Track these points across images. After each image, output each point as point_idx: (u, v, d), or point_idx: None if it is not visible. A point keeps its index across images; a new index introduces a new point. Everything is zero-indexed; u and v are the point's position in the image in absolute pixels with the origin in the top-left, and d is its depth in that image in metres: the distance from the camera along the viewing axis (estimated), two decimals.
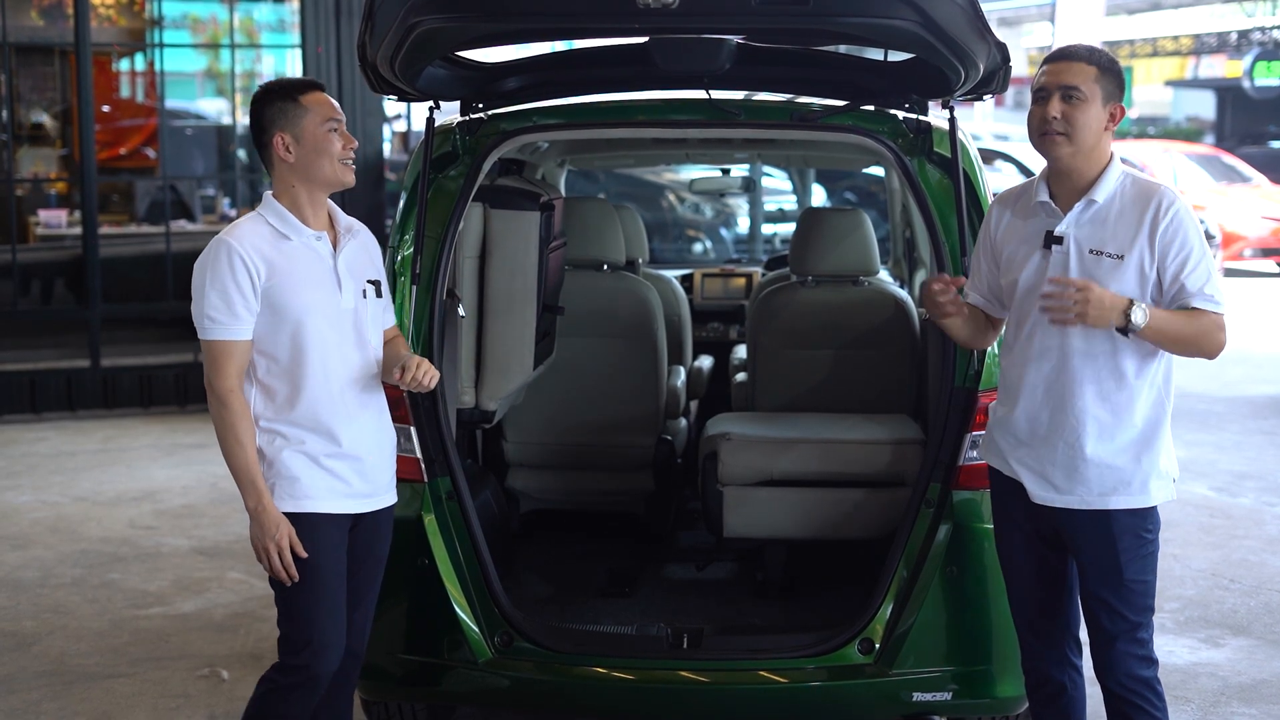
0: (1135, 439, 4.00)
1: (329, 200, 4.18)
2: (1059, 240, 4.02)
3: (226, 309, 3.93)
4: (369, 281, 4.19)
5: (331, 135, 4.05)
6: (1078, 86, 3.96)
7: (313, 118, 4.04)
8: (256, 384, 4.03)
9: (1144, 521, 4.03)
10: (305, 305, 4.00)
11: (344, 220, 4.21)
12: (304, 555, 3.99)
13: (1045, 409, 4.06)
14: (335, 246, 4.13)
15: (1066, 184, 4.05)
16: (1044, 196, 4.09)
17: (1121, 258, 3.93)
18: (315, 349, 4.02)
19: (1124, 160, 4.14)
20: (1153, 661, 4.10)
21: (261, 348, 4.00)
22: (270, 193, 4.11)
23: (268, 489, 3.97)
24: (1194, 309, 3.91)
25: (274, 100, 4.06)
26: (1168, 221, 3.91)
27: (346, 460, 4.10)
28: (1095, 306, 3.83)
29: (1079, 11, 26.36)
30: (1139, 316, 3.84)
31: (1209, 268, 3.93)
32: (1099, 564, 4.05)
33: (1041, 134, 4.00)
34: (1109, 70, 4.00)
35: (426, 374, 4.10)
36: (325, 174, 4.07)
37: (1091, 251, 3.97)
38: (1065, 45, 4.14)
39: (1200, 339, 3.92)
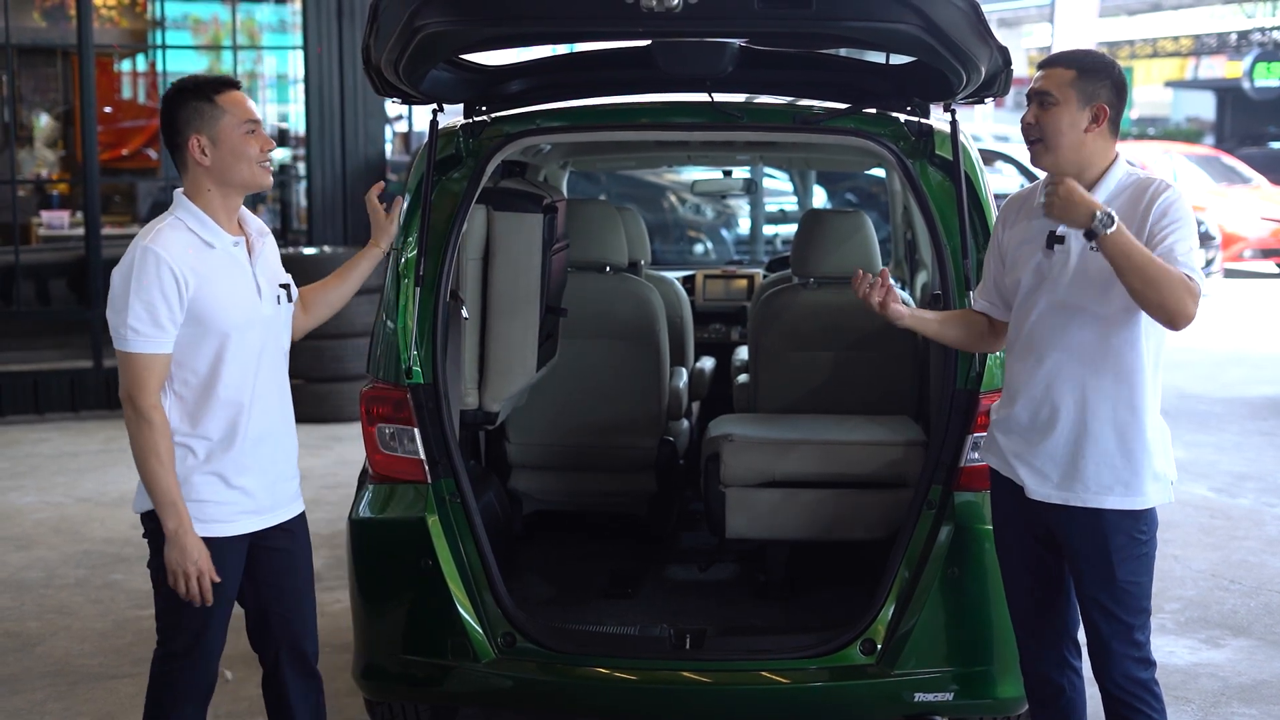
0: (1133, 438, 4.01)
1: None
2: (1061, 240, 4.05)
3: (151, 320, 3.81)
4: (280, 286, 4.12)
5: (249, 138, 3.94)
6: (1049, 91, 3.99)
7: (230, 119, 3.92)
8: (171, 395, 3.92)
9: (1138, 523, 4.05)
10: (230, 318, 3.91)
11: (254, 223, 4.12)
12: (219, 580, 3.93)
13: (1045, 406, 4.08)
14: (250, 251, 4.04)
15: None
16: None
17: None
18: (236, 361, 3.95)
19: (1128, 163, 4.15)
20: (1150, 663, 4.11)
21: (181, 359, 3.89)
22: (182, 192, 3.99)
23: (187, 512, 3.89)
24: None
25: (188, 100, 3.92)
26: (1160, 202, 3.92)
27: (256, 475, 4.03)
28: (1064, 200, 3.81)
29: (1076, 12, 26.41)
30: (1102, 222, 3.76)
31: (1192, 247, 3.89)
32: (1092, 564, 4.07)
33: (1027, 143, 4.07)
34: (1091, 71, 4.00)
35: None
36: (243, 177, 3.96)
37: (1092, 249, 3.98)
38: (1055, 52, 4.17)
39: (1167, 283, 3.77)
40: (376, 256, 4.46)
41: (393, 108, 16.96)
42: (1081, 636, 4.28)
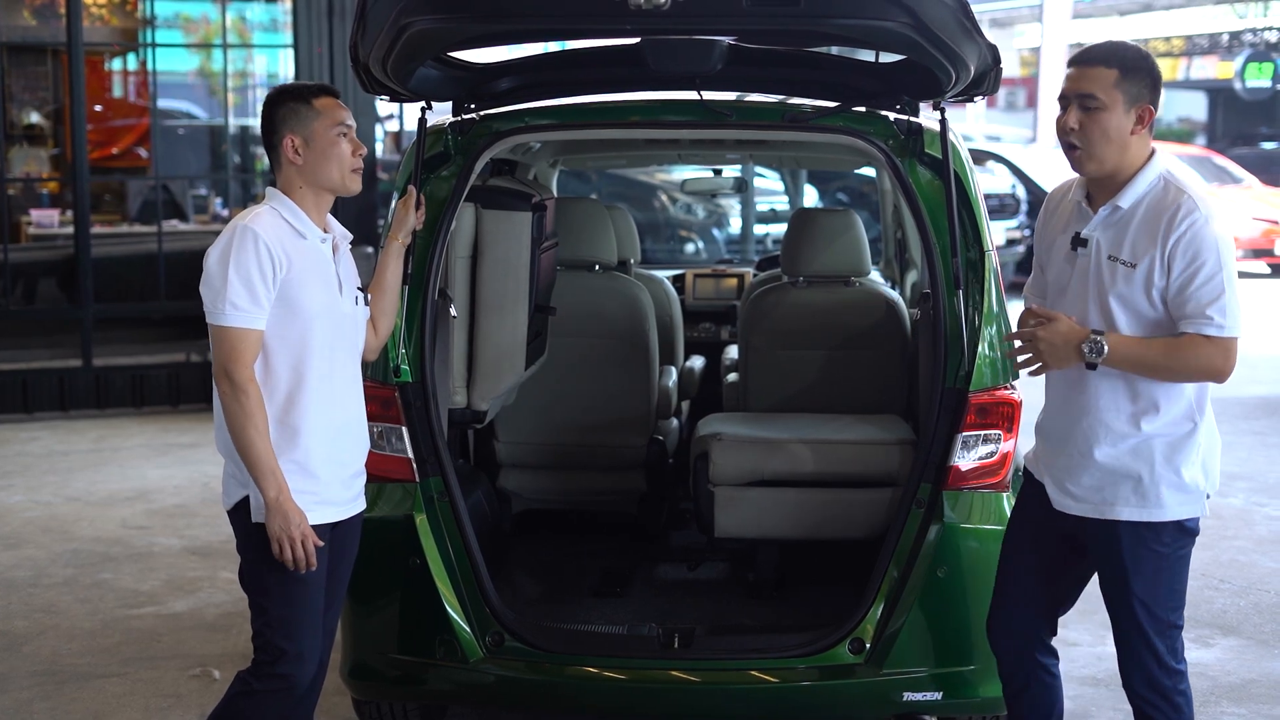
0: (1148, 449, 3.92)
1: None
2: (1084, 243, 3.96)
3: (249, 296, 3.91)
4: (358, 288, 4.24)
5: (340, 140, 4.08)
6: (1095, 94, 3.84)
7: (323, 121, 4.07)
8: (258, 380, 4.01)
9: (1157, 535, 3.93)
10: (316, 305, 4.03)
11: (338, 227, 4.24)
12: (321, 544, 4.00)
13: (1064, 415, 4.03)
14: (334, 251, 4.17)
15: (1100, 186, 3.97)
16: (1079, 196, 4.04)
17: (1134, 266, 3.85)
18: (319, 350, 4.05)
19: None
20: (1174, 672, 4.00)
21: (268, 342, 3.99)
22: (275, 188, 4.11)
23: (285, 480, 3.95)
24: (1186, 334, 3.80)
25: (286, 101, 4.09)
26: (1181, 230, 3.78)
27: (335, 467, 4.12)
28: (1049, 352, 3.84)
29: (1059, 13, 26.45)
30: (1091, 354, 3.80)
31: (1222, 287, 3.77)
32: (1108, 572, 4.02)
33: (1065, 147, 3.92)
34: (1134, 70, 3.86)
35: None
36: (333, 179, 4.10)
37: (1110, 257, 3.90)
38: (1090, 45, 3.98)
39: (1185, 368, 3.81)
40: (399, 251, 4.53)
41: (383, 107, 16.97)
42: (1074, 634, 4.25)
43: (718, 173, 8.69)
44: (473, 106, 5.08)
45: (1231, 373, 3.82)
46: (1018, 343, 3.98)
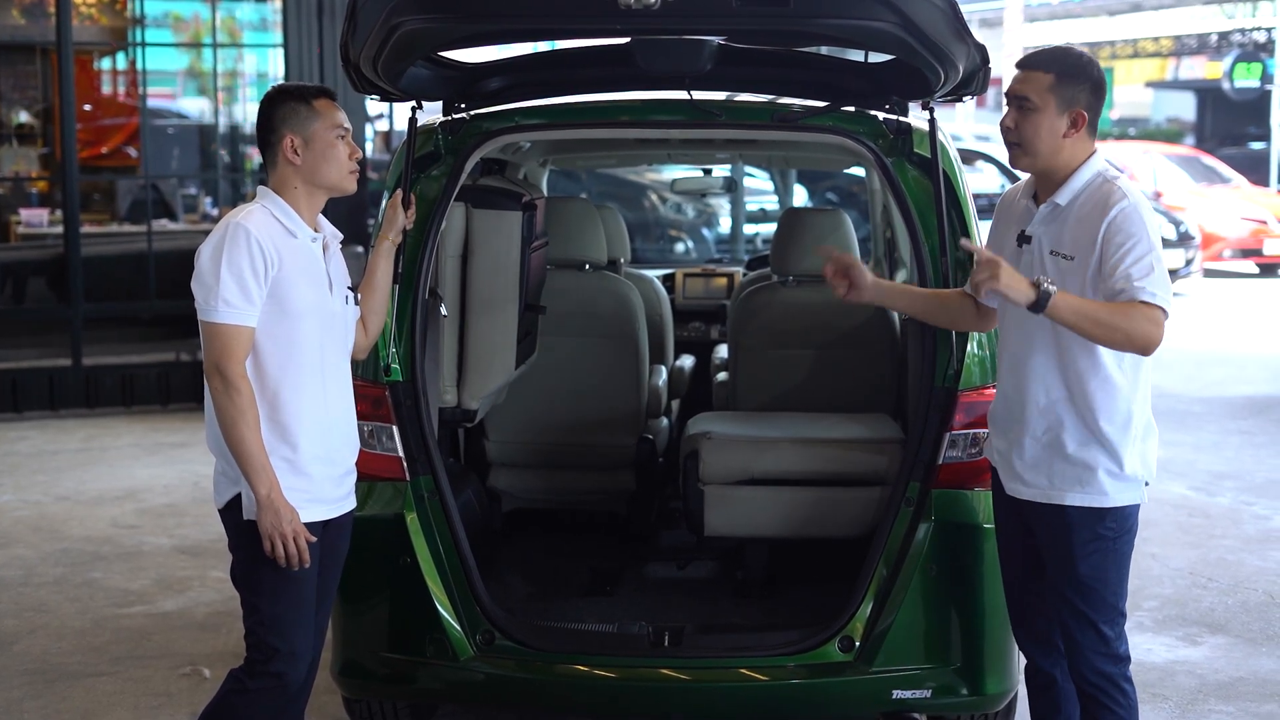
0: (1095, 437, 4.03)
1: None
2: (1028, 239, 4.10)
3: (241, 293, 3.93)
4: (348, 288, 4.25)
5: (338, 142, 4.11)
6: (1028, 96, 4.02)
7: (322, 123, 4.09)
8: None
9: (1102, 520, 4.05)
10: (306, 303, 4.04)
11: (328, 227, 4.25)
12: (314, 539, 4.01)
13: (1013, 402, 4.14)
14: (325, 250, 4.18)
15: (1043, 185, 4.13)
16: (1026, 196, 4.18)
17: (1073, 259, 3.99)
18: (309, 348, 4.06)
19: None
20: (1120, 658, 4.12)
21: (258, 341, 4.00)
22: (268, 186, 4.13)
23: (276, 477, 3.96)
24: (1125, 303, 3.86)
25: (286, 101, 4.11)
26: (1113, 217, 3.91)
27: (325, 465, 4.14)
28: (1006, 274, 3.85)
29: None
30: (1044, 284, 3.82)
31: (1153, 264, 3.88)
32: (1055, 558, 4.11)
33: (1006, 144, 4.11)
34: (1070, 75, 4.01)
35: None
36: (330, 179, 4.12)
37: (1052, 252, 4.05)
38: (1037, 50, 4.18)
39: (1125, 327, 3.83)
40: (389, 250, 4.54)
41: (373, 106, 16.96)
42: None
43: (708, 172, 8.70)
44: (463, 106, 5.08)
45: (1159, 344, 3.87)
46: (981, 254, 3.97)
